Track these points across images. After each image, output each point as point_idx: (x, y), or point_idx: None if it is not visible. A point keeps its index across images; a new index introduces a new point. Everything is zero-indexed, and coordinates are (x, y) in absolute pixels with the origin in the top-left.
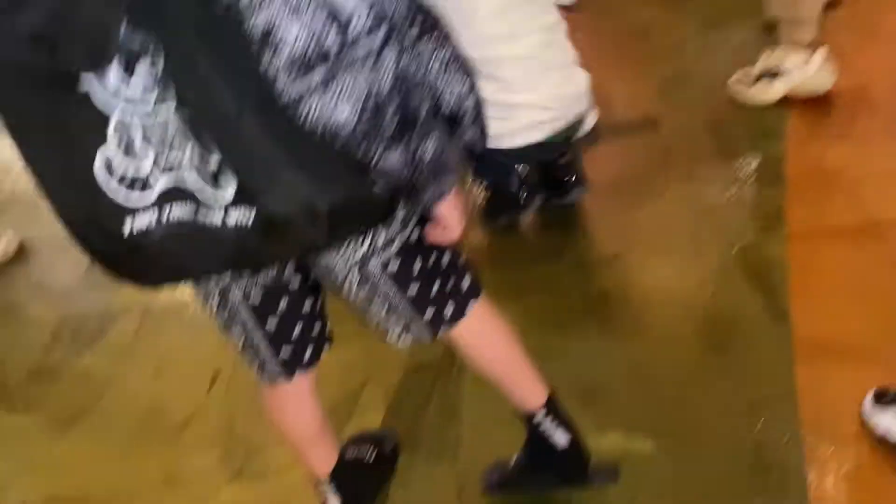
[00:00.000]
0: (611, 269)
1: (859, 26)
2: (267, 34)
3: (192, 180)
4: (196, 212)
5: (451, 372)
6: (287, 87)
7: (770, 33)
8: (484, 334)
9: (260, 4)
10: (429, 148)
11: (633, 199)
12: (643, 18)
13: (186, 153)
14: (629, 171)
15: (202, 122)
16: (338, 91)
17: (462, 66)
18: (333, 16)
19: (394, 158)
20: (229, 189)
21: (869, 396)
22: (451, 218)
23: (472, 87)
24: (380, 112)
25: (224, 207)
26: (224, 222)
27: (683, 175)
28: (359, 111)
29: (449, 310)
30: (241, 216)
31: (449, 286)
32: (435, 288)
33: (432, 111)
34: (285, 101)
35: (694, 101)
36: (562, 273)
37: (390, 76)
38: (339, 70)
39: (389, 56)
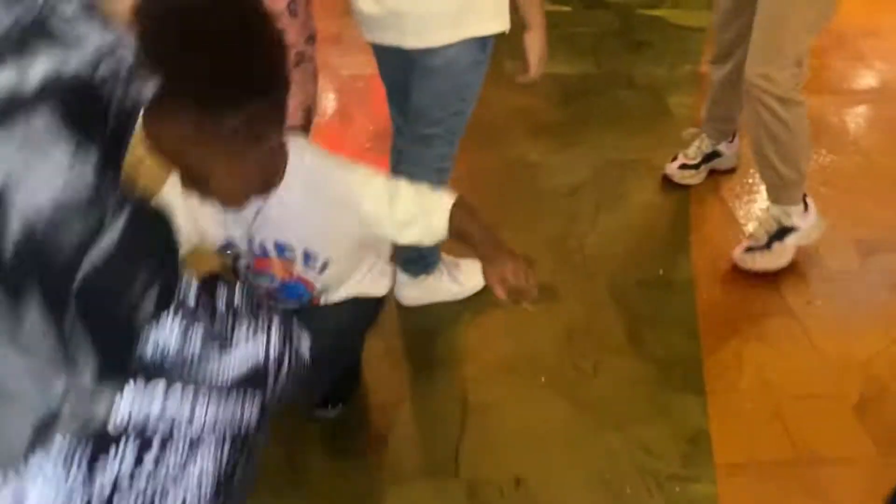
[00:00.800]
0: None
1: None
2: None
3: None
4: None
5: None
6: None
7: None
8: None
9: None
10: None
11: (530, 394)
12: (534, 157)
13: None
14: (521, 352)
15: None
16: None
17: None
18: None
19: None
20: None
21: None
22: None
23: None
24: None
25: None
26: None
27: (590, 366)
28: None
29: None
30: None
31: None
32: None
33: None
34: None
35: (597, 268)
36: None
37: None
38: None
39: None
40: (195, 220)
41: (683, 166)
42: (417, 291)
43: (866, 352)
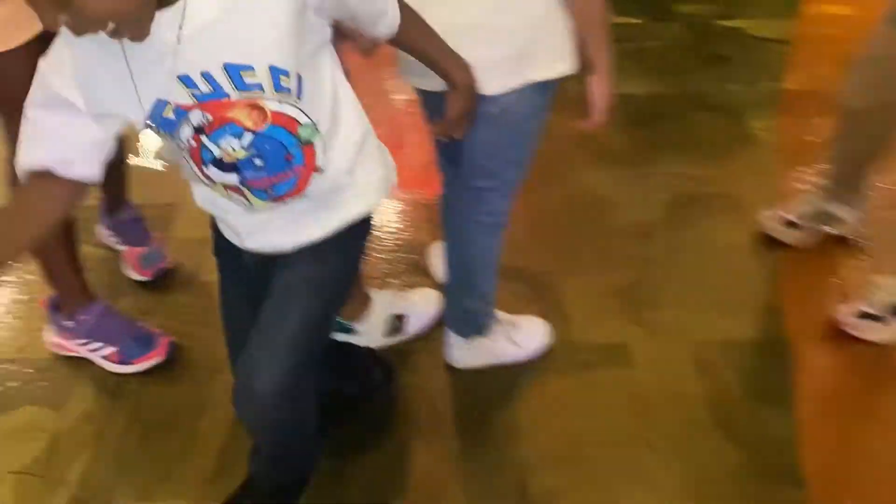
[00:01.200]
0: None
1: None
2: None
3: None
4: None
5: None
6: None
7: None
8: None
9: None
10: None
11: (599, 481)
12: (601, 190)
13: None
14: (589, 429)
15: None
16: None
17: None
18: None
19: None
20: None
21: None
22: None
23: None
24: None
25: None
26: None
27: (668, 448)
28: None
29: None
30: None
31: None
32: None
33: None
34: None
35: (674, 324)
36: None
37: None
38: None
39: None
40: (100, 100)
41: (789, 224)
42: (470, 354)
43: None
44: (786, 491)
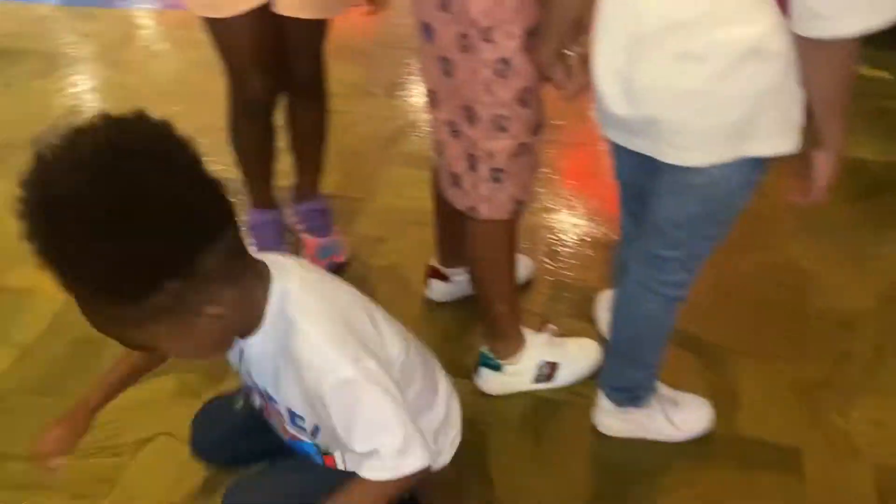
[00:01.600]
0: None
1: None
2: None
3: None
4: None
5: None
6: None
7: None
8: None
9: None
10: None
11: None
12: (806, 264)
13: None
14: None
15: None
16: None
17: None
18: None
19: None
20: None
21: None
22: None
23: None
24: None
25: None
26: None
27: None
28: None
29: None
30: None
31: None
32: None
33: None
34: None
35: (863, 438)
36: None
37: None
38: None
39: None
40: None
41: None
42: (620, 423)
43: None
44: None
